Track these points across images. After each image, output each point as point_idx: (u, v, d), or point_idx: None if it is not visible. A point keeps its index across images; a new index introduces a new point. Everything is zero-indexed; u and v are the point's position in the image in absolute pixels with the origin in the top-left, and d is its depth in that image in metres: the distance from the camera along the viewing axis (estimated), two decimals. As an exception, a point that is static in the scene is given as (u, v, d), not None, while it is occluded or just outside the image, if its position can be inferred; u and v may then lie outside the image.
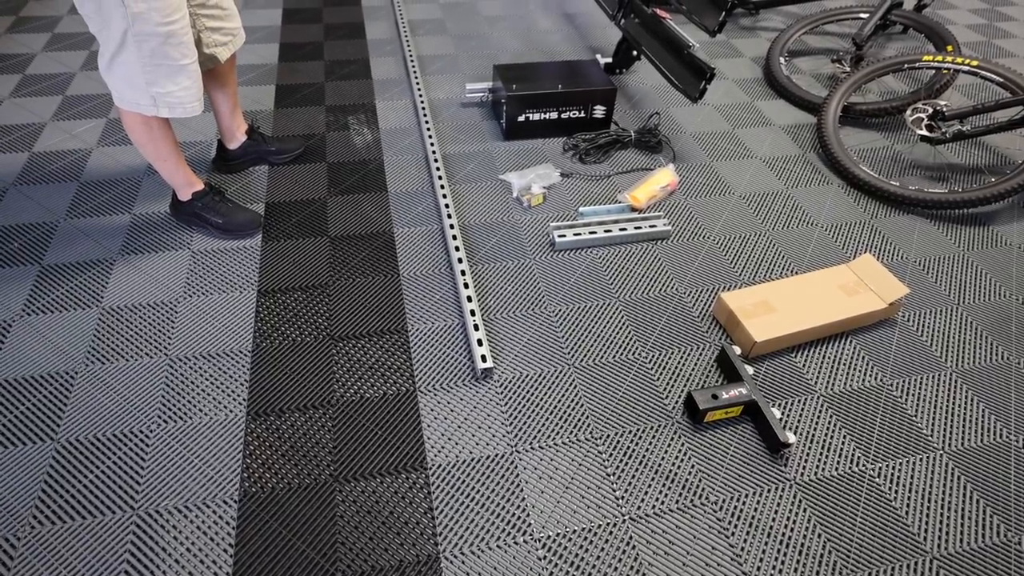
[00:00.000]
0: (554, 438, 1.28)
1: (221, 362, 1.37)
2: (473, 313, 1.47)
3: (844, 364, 1.46)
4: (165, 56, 1.27)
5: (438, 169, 1.88)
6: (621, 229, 1.73)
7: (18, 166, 1.85)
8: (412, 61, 2.40)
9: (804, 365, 1.45)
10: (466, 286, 1.54)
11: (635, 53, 2.44)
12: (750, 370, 1.40)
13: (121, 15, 1.19)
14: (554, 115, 2.04)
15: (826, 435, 1.31)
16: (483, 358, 1.38)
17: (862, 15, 2.59)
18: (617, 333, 1.49)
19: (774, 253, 1.74)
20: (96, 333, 1.40)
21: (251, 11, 2.76)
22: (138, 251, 1.60)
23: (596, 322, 1.51)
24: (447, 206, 1.76)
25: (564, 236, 1.70)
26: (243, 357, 1.38)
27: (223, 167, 1.84)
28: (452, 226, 1.69)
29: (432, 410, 1.31)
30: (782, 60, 2.51)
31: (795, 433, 1.32)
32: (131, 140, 1.51)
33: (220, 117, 1.74)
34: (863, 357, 1.48)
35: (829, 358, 1.47)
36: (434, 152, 1.95)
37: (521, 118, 2.02)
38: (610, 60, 2.43)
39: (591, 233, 1.71)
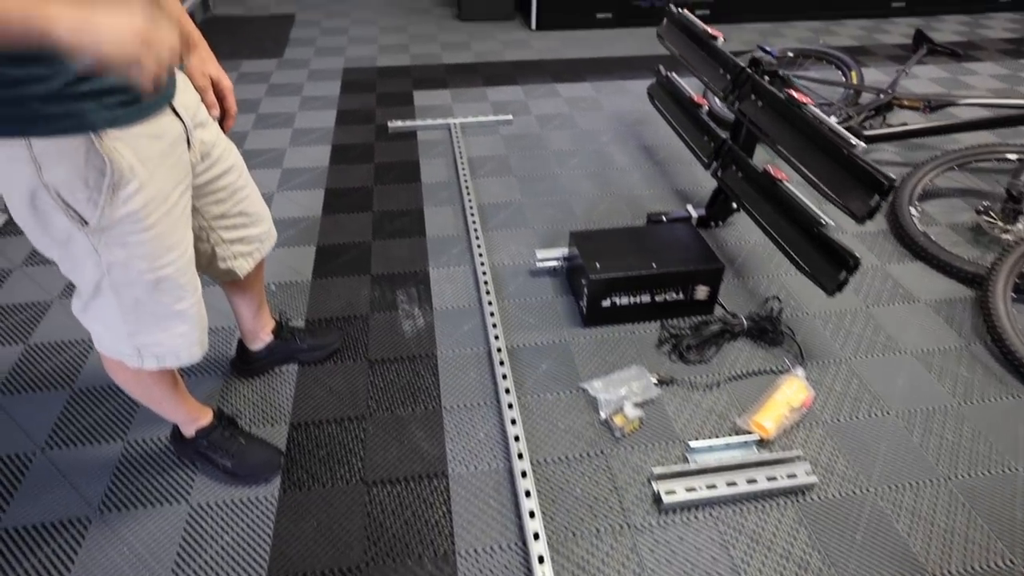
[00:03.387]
0: None
1: None
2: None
3: None
4: (153, 303, 0.97)
5: (504, 376, 1.52)
6: (750, 481, 1.30)
7: (7, 366, 1.58)
8: (472, 212, 2.11)
9: None
10: (545, 583, 1.12)
11: (735, 206, 2.08)
12: None
13: (94, 263, 0.91)
14: (646, 298, 1.68)
15: None
16: None
17: (1009, 156, 2.18)
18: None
19: (967, 520, 1.26)
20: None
21: (297, 148, 2.57)
22: (123, 503, 1.26)
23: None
24: (516, 438, 1.37)
25: (673, 493, 1.28)
26: None
27: (243, 369, 1.54)
28: (524, 473, 1.30)
29: None
30: (914, 211, 2.10)
31: None
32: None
33: (241, 321, 1.45)
34: None
35: None
36: (499, 348, 1.59)
37: (606, 303, 1.66)
38: (703, 212, 2.08)
39: (709, 487, 1.29)
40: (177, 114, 0.95)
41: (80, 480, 1.30)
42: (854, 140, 1.43)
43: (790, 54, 3.02)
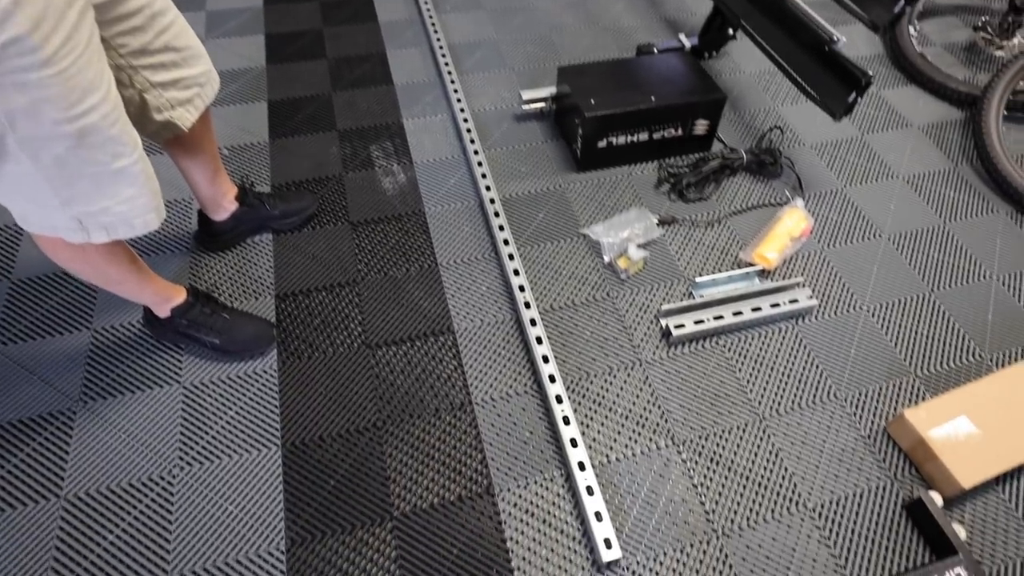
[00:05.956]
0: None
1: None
2: (583, 467, 1.13)
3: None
4: (84, 162, 0.82)
5: (501, 228, 1.49)
6: (754, 310, 1.37)
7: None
8: (443, 53, 1.95)
9: (1019, 506, 1.13)
10: (566, 421, 1.19)
11: (731, 32, 1.96)
12: (962, 533, 1.07)
13: None
14: (644, 136, 1.62)
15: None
16: (607, 543, 1.05)
17: (1013, -38, 2.11)
18: (769, 472, 1.17)
19: (946, 326, 1.40)
20: (58, 546, 1.05)
21: (222, -15, 2.24)
22: (107, 392, 1.24)
23: (737, 454, 1.18)
24: (522, 288, 1.38)
25: (682, 327, 1.33)
26: (276, 562, 1.04)
27: (210, 244, 1.46)
28: (534, 321, 1.32)
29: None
30: (913, 31, 2.04)
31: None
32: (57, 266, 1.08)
33: (197, 189, 1.34)
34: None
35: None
36: (492, 199, 1.54)
37: (602, 143, 1.61)
38: (696, 42, 1.97)
39: (716, 319, 1.35)
40: None
41: (51, 374, 1.26)
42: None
43: None
